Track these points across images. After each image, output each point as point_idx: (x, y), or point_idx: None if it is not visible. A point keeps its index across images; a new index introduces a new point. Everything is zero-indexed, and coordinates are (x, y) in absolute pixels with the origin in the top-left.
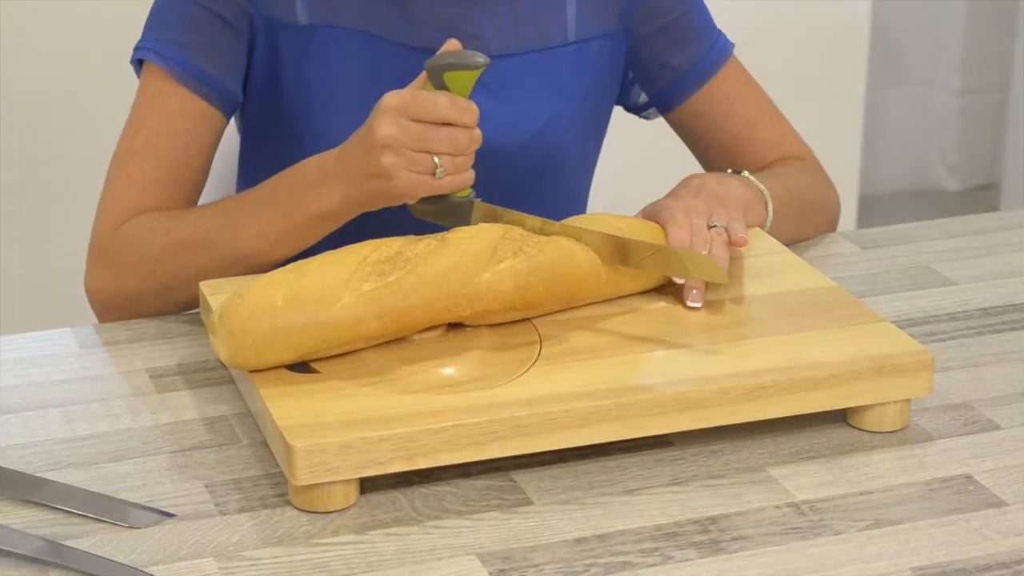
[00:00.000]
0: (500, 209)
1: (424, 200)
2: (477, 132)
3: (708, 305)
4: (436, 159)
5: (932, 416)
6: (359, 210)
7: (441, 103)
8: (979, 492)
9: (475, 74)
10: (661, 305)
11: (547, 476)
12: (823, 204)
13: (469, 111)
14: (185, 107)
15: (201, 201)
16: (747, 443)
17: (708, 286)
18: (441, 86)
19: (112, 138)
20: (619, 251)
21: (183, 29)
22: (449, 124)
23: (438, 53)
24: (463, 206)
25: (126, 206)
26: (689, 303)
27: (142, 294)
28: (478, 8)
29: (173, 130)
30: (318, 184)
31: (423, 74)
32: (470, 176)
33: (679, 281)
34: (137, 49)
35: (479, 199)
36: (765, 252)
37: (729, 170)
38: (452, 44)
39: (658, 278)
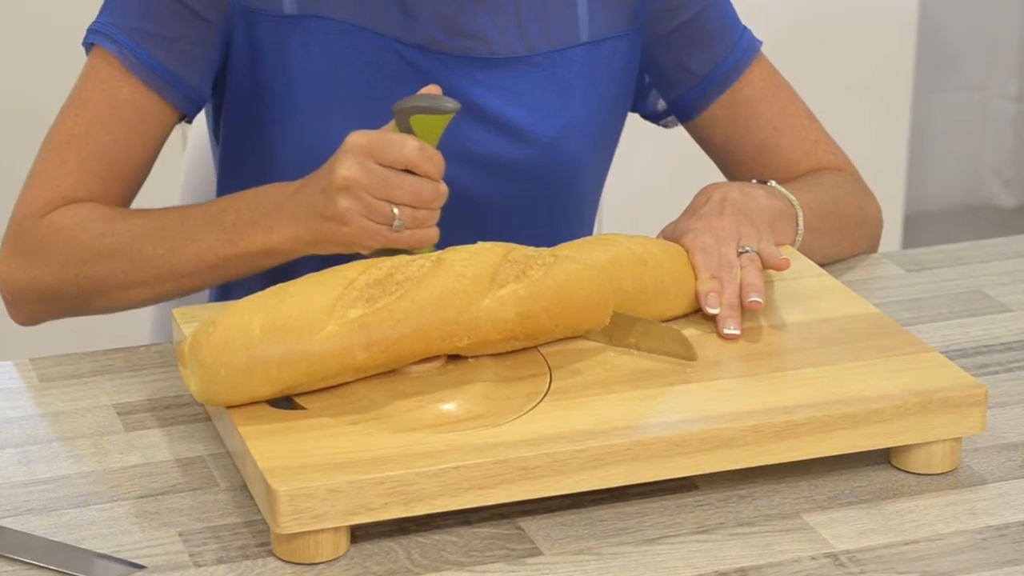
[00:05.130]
0: None
1: (379, 253)
2: (443, 186)
3: None
4: (396, 210)
5: (985, 457)
6: (309, 250)
7: (408, 147)
8: None
9: (444, 120)
10: (685, 333)
11: (558, 524)
12: (861, 218)
13: (434, 161)
14: (137, 99)
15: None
16: (780, 487)
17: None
18: (408, 131)
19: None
20: (617, 328)
21: (144, 17)
22: (413, 172)
23: (411, 95)
24: None
25: (55, 195)
26: (725, 332)
27: (60, 294)
28: (481, 6)
29: (120, 121)
30: (270, 216)
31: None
32: (432, 234)
33: (712, 311)
34: (91, 32)
35: None
36: (800, 275)
37: (754, 180)
38: (431, 88)
39: (681, 307)
